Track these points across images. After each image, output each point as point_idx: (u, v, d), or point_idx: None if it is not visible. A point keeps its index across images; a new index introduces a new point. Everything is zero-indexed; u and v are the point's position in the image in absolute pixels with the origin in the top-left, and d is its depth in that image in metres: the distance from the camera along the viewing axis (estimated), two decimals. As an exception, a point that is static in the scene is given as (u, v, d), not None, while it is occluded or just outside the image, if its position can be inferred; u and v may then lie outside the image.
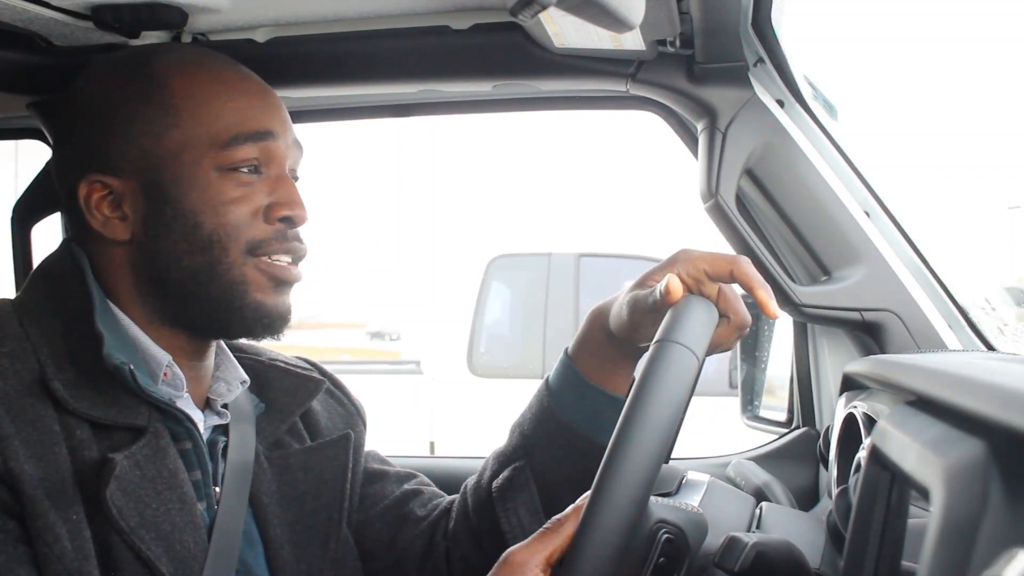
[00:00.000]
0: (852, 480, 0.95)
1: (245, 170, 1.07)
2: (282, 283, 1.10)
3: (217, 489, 1.11)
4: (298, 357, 1.31)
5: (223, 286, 1.07)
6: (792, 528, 1.11)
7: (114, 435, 1.00)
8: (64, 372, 0.99)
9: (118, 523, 0.95)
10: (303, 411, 1.26)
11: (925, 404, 0.73)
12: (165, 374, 1.08)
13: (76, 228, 1.11)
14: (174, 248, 1.06)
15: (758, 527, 1.12)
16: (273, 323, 1.11)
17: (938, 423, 0.64)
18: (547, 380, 1.24)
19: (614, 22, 0.87)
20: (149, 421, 1.02)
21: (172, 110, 1.06)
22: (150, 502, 0.99)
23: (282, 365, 1.27)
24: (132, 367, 1.00)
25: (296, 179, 1.14)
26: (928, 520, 0.53)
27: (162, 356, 1.07)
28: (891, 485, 0.74)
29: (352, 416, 1.32)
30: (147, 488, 0.99)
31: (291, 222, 1.10)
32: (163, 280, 1.07)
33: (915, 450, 0.62)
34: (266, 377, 1.23)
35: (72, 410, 0.97)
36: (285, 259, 1.10)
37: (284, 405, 1.23)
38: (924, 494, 0.56)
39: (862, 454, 0.96)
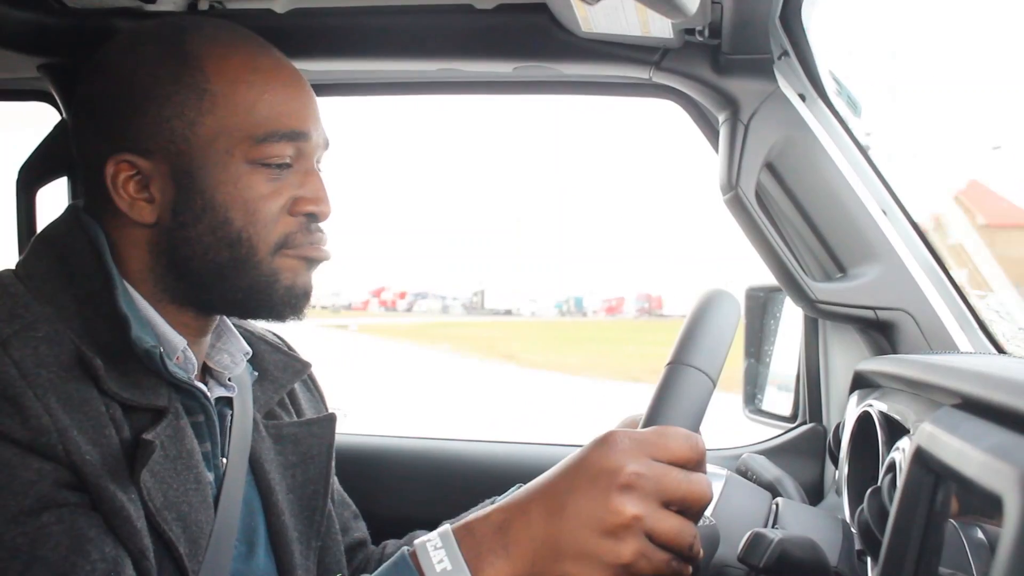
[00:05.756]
0: (884, 481, 0.95)
1: (276, 166, 1.05)
2: (311, 263, 1.09)
3: (224, 460, 1.11)
4: (272, 333, 1.30)
5: (252, 279, 1.05)
6: (809, 525, 1.11)
7: (137, 416, 0.98)
8: (92, 352, 0.96)
9: (147, 504, 0.94)
10: (291, 388, 1.27)
11: (976, 408, 0.73)
12: (177, 358, 1.06)
13: (94, 202, 1.07)
14: (201, 239, 1.04)
15: (775, 522, 1.12)
16: (299, 303, 1.09)
17: (998, 428, 0.64)
18: (493, 501, 1.29)
19: (671, 7, 0.86)
20: (169, 401, 1.01)
21: (207, 95, 1.02)
22: (172, 483, 0.98)
23: (269, 340, 1.27)
24: (162, 351, 0.98)
25: (320, 170, 1.12)
26: (1003, 528, 0.53)
27: (178, 341, 1.06)
28: (935, 488, 0.73)
29: (322, 409, 1.34)
30: (169, 469, 0.98)
31: (315, 218, 1.08)
32: (184, 266, 1.05)
33: (977, 456, 0.61)
34: (257, 350, 1.23)
35: (106, 390, 0.95)
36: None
37: (276, 378, 1.24)
38: (994, 502, 0.56)
39: (897, 455, 0.95)
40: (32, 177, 1.58)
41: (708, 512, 1.05)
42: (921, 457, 0.73)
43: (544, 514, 0.81)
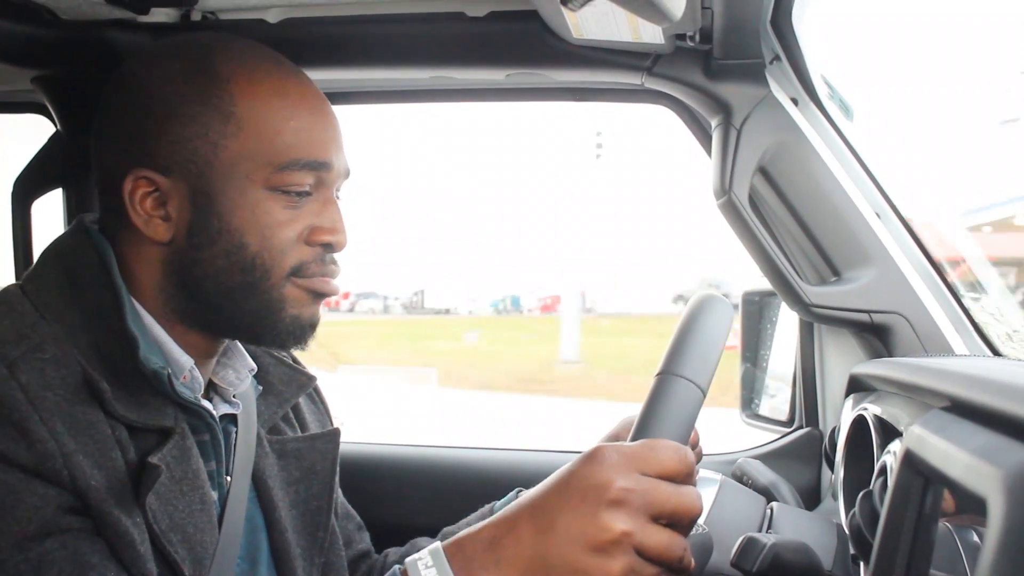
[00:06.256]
0: (876, 484, 0.94)
1: (296, 194, 1.04)
2: (319, 296, 1.08)
3: (228, 478, 1.10)
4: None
5: (260, 304, 1.04)
6: (803, 529, 1.11)
7: (143, 437, 0.98)
8: (99, 372, 0.95)
9: (152, 527, 0.94)
10: (295, 402, 1.26)
11: (964, 410, 0.73)
12: (184, 377, 1.05)
13: (109, 216, 1.06)
14: (214, 262, 1.02)
15: (769, 527, 1.12)
16: (304, 335, 1.08)
17: (984, 430, 0.64)
18: (492, 507, 1.30)
19: (656, 13, 0.86)
20: (176, 422, 1.00)
21: (232, 119, 1.01)
22: (177, 504, 0.97)
23: (274, 354, 1.26)
24: (170, 372, 0.98)
25: (339, 198, 1.11)
26: (986, 531, 0.53)
27: (185, 360, 1.05)
28: (924, 490, 0.73)
29: (326, 422, 1.34)
30: (175, 491, 0.98)
31: (331, 248, 1.07)
32: (195, 288, 1.04)
33: (963, 458, 0.61)
34: (261, 363, 1.23)
35: (112, 411, 0.94)
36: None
37: (280, 392, 1.23)
38: (978, 504, 0.56)
39: (888, 458, 0.95)
40: (27, 189, 1.58)
41: (701, 519, 1.04)
42: (910, 460, 0.73)
43: (534, 530, 0.80)
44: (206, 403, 1.06)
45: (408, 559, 0.83)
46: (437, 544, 0.84)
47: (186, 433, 1.01)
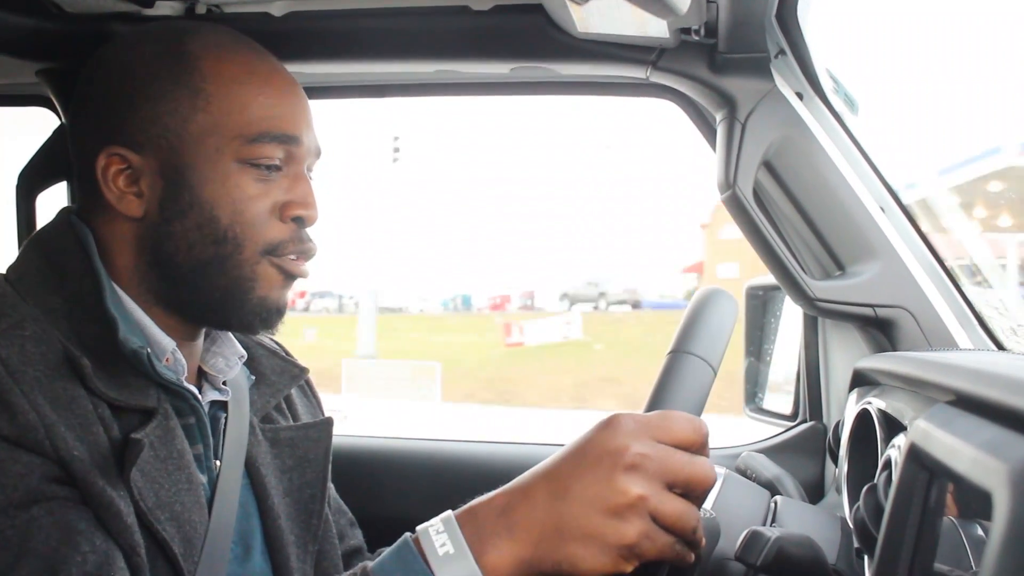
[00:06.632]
0: (881, 478, 0.95)
1: (265, 167, 1.06)
2: (290, 278, 1.10)
3: (217, 463, 1.11)
4: (270, 338, 1.31)
5: (230, 280, 1.06)
6: (807, 523, 1.11)
7: (126, 416, 0.99)
8: (80, 352, 0.96)
9: (138, 504, 0.94)
10: (288, 392, 1.28)
11: (969, 404, 0.73)
12: (167, 360, 1.07)
13: (86, 198, 1.09)
14: (186, 235, 1.04)
15: (773, 520, 1.12)
16: (271, 318, 1.10)
17: (990, 425, 0.64)
18: None
19: (661, 7, 0.86)
20: (159, 402, 1.01)
21: (201, 94, 1.04)
22: (163, 483, 0.98)
23: (267, 345, 1.28)
24: (149, 352, 0.99)
25: (311, 177, 1.13)
26: (992, 525, 0.53)
27: (167, 342, 1.06)
28: (929, 484, 0.73)
29: (318, 414, 1.35)
30: (160, 469, 0.99)
31: (303, 222, 1.09)
32: (168, 263, 1.06)
33: (968, 452, 0.61)
34: (254, 354, 1.24)
35: (93, 389, 0.95)
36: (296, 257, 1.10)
37: (273, 382, 1.25)
38: (983, 498, 0.56)
39: (892, 452, 0.95)
40: (32, 182, 1.59)
41: (708, 504, 1.05)
42: (915, 454, 0.73)
43: (548, 496, 0.81)
44: (189, 385, 1.07)
45: (419, 526, 0.84)
46: (449, 511, 0.85)
47: (169, 414, 1.03)
